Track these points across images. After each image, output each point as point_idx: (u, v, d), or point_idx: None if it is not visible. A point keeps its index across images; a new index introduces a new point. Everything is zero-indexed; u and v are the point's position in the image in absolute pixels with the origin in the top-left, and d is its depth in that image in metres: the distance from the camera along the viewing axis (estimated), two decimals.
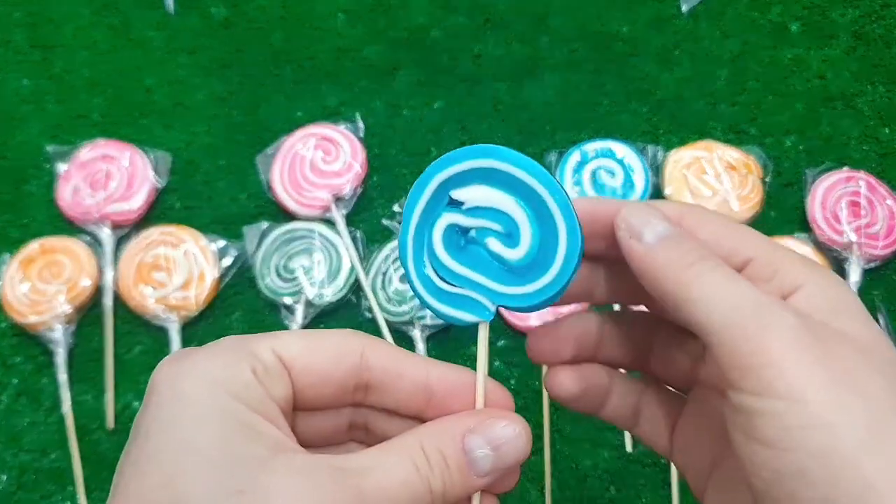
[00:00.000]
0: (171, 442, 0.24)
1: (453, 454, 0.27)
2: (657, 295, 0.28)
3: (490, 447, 0.27)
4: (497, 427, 0.28)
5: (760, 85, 0.70)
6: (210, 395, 0.25)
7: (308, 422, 0.29)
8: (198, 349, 0.27)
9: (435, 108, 0.70)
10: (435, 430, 0.27)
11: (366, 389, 0.29)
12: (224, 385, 0.25)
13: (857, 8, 0.73)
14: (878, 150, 0.67)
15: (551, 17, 0.73)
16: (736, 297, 0.26)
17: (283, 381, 0.27)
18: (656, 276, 0.28)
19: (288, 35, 0.73)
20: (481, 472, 0.27)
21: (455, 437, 0.27)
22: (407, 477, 0.26)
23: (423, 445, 0.26)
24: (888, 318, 0.61)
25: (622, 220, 0.29)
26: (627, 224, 0.29)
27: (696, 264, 0.27)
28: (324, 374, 0.27)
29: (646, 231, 0.28)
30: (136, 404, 0.60)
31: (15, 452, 0.59)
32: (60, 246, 0.63)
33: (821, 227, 0.63)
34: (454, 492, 0.27)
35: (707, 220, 0.30)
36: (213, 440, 0.24)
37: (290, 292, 0.61)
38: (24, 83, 0.71)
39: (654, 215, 0.29)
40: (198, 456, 0.24)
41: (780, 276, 0.28)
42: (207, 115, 0.70)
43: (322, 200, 0.64)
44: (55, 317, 0.60)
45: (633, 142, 0.67)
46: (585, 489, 0.57)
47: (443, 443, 0.27)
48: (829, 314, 0.27)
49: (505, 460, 0.28)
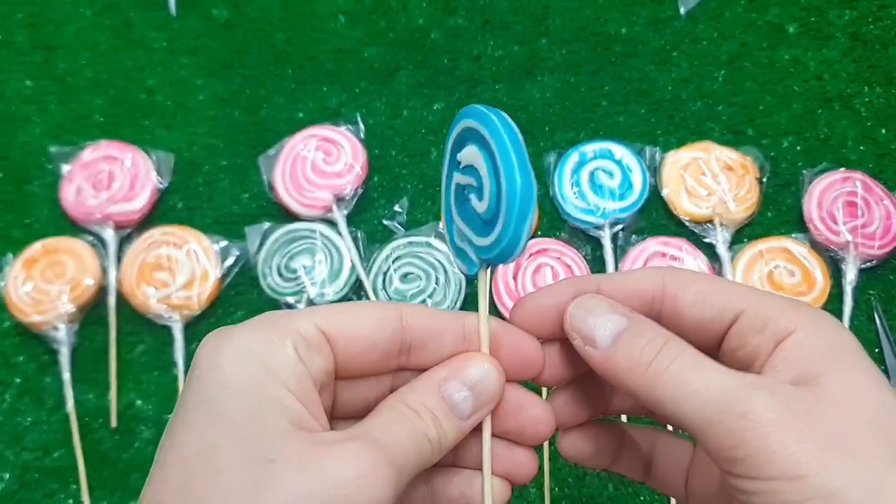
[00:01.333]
0: (206, 414, 0.25)
1: (435, 403, 0.28)
2: (629, 395, 0.28)
3: (466, 389, 0.29)
4: (468, 369, 0.29)
5: (758, 86, 0.70)
6: (245, 367, 0.26)
7: (352, 390, 0.30)
8: (241, 325, 0.27)
9: (435, 109, 0.70)
10: (413, 386, 0.29)
11: (408, 352, 0.29)
12: (261, 359, 0.26)
13: (855, 9, 0.73)
14: (875, 151, 0.67)
15: (550, 18, 0.74)
16: (704, 389, 0.26)
17: (324, 354, 0.28)
18: (621, 382, 0.28)
19: (289, 36, 0.73)
20: (464, 414, 0.29)
21: (433, 386, 0.29)
22: (409, 428, 0.27)
23: (408, 402, 0.28)
24: (884, 317, 0.61)
25: (570, 328, 0.29)
26: (577, 332, 0.29)
27: (657, 360, 0.27)
28: (368, 343, 0.28)
29: (597, 335, 0.28)
30: (139, 403, 0.61)
31: (18, 451, 0.59)
32: (63, 246, 0.64)
33: (817, 227, 0.63)
34: (447, 437, 0.28)
35: (691, 280, 0.30)
36: (244, 413, 0.25)
37: (291, 292, 0.62)
38: (26, 84, 0.72)
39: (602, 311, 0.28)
40: (230, 428, 0.25)
41: (772, 324, 0.28)
42: (209, 115, 0.70)
43: (323, 201, 0.64)
44: (58, 316, 0.61)
45: (632, 142, 0.67)
46: (584, 487, 0.58)
47: (424, 395, 0.28)
48: (822, 359, 0.27)
49: (483, 397, 0.29)
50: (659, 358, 0.27)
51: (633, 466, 0.35)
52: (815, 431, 0.24)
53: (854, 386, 0.26)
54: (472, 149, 0.30)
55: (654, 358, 0.27)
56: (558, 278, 0.62)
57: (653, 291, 0.30)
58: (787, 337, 0.27)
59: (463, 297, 0.61)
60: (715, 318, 0.29)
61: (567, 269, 0.62)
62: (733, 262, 0.62)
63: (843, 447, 0.24)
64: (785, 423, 0.24)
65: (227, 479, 0.24)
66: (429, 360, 0.30)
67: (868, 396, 0.26)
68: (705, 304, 0.29)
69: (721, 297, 0.29)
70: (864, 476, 0.24)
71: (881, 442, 0.24)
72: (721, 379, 0.26)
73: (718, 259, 0.62)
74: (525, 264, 0.63)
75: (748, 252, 0.62)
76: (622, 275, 0.31)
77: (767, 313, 0.28)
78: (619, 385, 0.28)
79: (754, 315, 0.28)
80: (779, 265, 0.62)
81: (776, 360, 0.27)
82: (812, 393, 0.26)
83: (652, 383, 0.27)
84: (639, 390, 0.27)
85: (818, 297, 0.60)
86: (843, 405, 0.25)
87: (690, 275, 0.30)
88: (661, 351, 0.27)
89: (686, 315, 0.29)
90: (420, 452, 0.27)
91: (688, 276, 0.30)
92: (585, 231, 0.65)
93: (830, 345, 0.27)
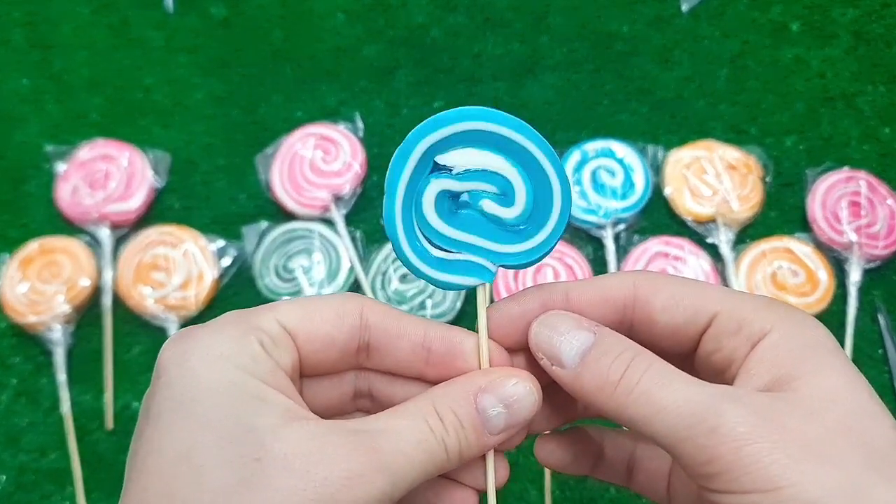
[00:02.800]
0: (185, 418, 0.25)
1: (467, 414, 0.27)
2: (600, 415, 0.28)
3: (503, 405, 0.27)
4: (508, 385, 0.28)
5: (761, 84, 0.70)
6: (219, 369, 0.25)
7: (314, 390, 0.29)
8: (201, 326, 0.27)
9: (434, 107, 0.70)
10: (447, 391, 0.28)
11: (367, 350, 0.29)
12: (232, 359, 0.26)
13: (858, 7, 0.73)
14: (879, 150, 0.67)
15: (551, 16, 0.73)
16: (674, 406, 0.25)
17: (288, 349, 0.27)
18: (591, 402, 0.27)
19: (287, 34, 0.73)
20: (495, 430, 0.27)
21: (468, 396, 0.27)
22: (422, 437, 0.26)
23: (436, 406, 0.27)
24: (888, 318, 0.61)
25: (536, 347, 0.28)
26: (543, 352, 0.28)
27: (625, 378, 0.26)
28: (327, 338, 0.28)
29: (563, 354, 0.27)
30: (136, 404, 0.60)
31: (14, 453, 0.59)
32: (59, 246, 0.63)
33: (821, 227, 0.63)
34: (469, 451, 0.27)
35: (663, 283, 0.29)
36: (226, 413, 0.25)
37: (289, 292, 0.61)
38: (23, 83, 0.71)
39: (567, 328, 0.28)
40: (212, 429, 0.24)
41: (747, 325, 0.27)
42: (206, 114, 0.70)
43: (321, 200, 0.64)
44: (54, 317, 0.60)
45: (634, 141, 0.66)
46: (585, 489, 0.57)
47: (456, 403, 0.27)
48: (797, 361, 0.26)
49: (517, 417, 0.28)
50: (627, 375, 0.26)
51: (614, 472, 0.34)
52: (789, 441, 0.24)
53: (828, 389, 0.25)
54: (479, 152, 0.28)
55: (622, 375, 0.26)
56: (559, 278, 0.62)
57: (624, 298, 0.29)
58: (762, 338, 0.27)
59: (463, 296, 0.61)
60: (688, 321, 0.28)
61: (568, 269, 0.62)
62: (736, 263, 0.62)
63: (818, 455, 0.24)
64: (757, 434, 0.24)
65: (211, 479, 0.24)
66: (387, 362, 0.29)
67: (843, 399, 0.25)
68: (678, 308, 0.28)
69: (694, 300, 0.28)
70: (842, 482, 0.23)
71: (857, 446, 0.24)
72: (691, 393, 0.25)
73: (721, 259, 0.62)
74: None
75: (751, 252, 0.62)
76: (591, 281, 0.30)
77: (742, 315, 0.28)
78: (590, 405, 0.28)
79: (728, 317, 0.28)
80: (782, 265, 0.61)
81: (751, 363, 0.27)
82: (785, 400, 0.25)
83: (622, 402, 0.26)
84: (609, 409, 0.27)
85: (822, 297, 0.60)
86: (816, 410, 0.25)
87: (662, 278, 0.29)
88: (628, 367, 0.26)
89: (658, 320, 0.29)
90: (431, 460, 0.26)
91: (659, 279, 0.29)
92: (587, 231, 0.64)
93: (805, 345, 0.27)
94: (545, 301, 0.29)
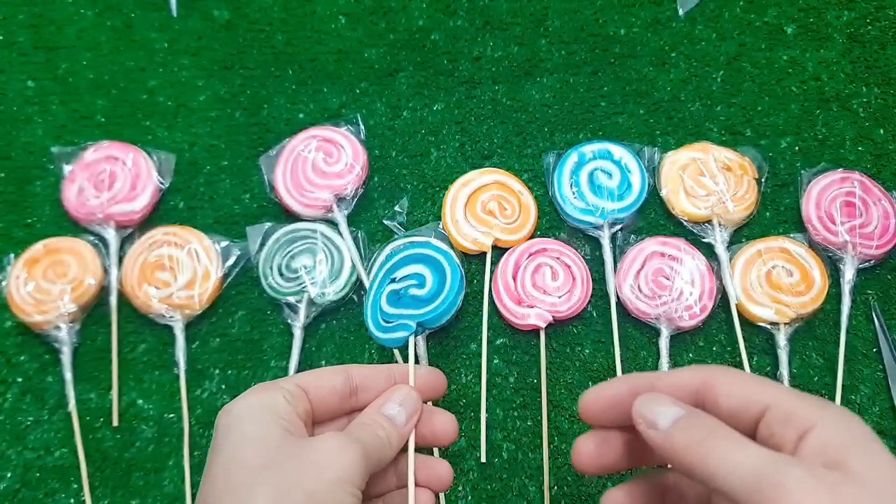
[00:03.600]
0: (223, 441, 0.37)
1: (382, 420, 0.41)
2: (680, 471, 0.33)
3: (398, 405, 0.42)
4: (396, 394, 0.42)
5: (756, 86, 0.71)
6: (257, 411, 0.38)
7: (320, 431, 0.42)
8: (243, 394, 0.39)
9: (435, 109, 0.70)
10: (365, 412, 0.42)
11: (356, 394, 0.43)
12: (265, 406, 0.38)
13: (853, 10, 0.73)
14: (873, 151, 0.68)
15: (550, 19, 0.74)
16: (747, 462, 0.31)
17: (303, 401, 0.40)
18: (676, 457, 0.33)
19: (289, 37, 0.74)
20: (401, 423, 0.41)
21: (378, 410, 0.42)
22: (369, 431, 0.40)
23: (363, 421, 0.41)
24: (883, 317, 0.61)
25: (637, 414, 0.35)
26: (642, 417, 0.35)
27: (708, 439, 0.32)
28: (330, 389, 0.42)
29: (659, 419, 0.34)
30: (140, 402, 0.61)
31: (19, 450, 0.60)
32: (65, 246, 0.64)
33: (815, 227, 0.63)
34: (393, 440, 0.41)
35: (726, 376, 0.35)
36: (263, 434, 0.37)
37: (292, 291, 0.62)
38: (28, 84, 0.72)
39: (664, 402, 0.35)
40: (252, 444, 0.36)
41: (795, 419, 0.32)
42: (210, 116, 0.71)
43: (324, 201, 0.65)
44: (60, 316, 0.61)
45: (631, 143, 0.67)
46: (583, 485, 0.58)
47: (373, 416, 0.41)
48: (841, 450, 0.31)
49: (409, 409, 0.42)
50: (709, 437, 0.32)
51: None
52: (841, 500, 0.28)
53: (878, 469, 0.30)
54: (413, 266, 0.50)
55: (705, 437, 0.32)
56: (557, 278, 0.62)
57: (696, 386, 0.35)
58: (810, 430, 0.32)
59: (462, 296, 0.62)
60: (745, 409, 0.34)
61: (566, 268, 0.63)
62: (732, 262, 0.62)
63: None
64: (815, 493, 0.29)
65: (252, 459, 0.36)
66: (370, 399, 0.43)
67: (885, 487, 0.29)
68: (736, 398, 0.34)
69: (749, 392, 0.34)
70: None
71: None
72: (761, 455, 0.31)
73: (717, 259, 0.63)
74: (525, 264, 0.63)
75: (747, 252, 0.63)
76: (671, 373, 0.37)
77: (791, 409, 0.32)
78: (675, 461, 0.33)
79: (778, 409, 0.33)
80: (777, 265, 0.62)
81: (802, 450, 0.32)
82: (839, 473, 0.30)
83: (704, 458, 0.32)
84: (693, 465, 0.32)
85: (816, 296, 0.61)
86: (868, 483, 0.29)
87: (728, 373, 0.35)
88: (711, 432, 0.32)
89: (722, 405, 0.34)
90: (379, 446, 0.39)
91: (725, 374, 0.35)
92: (585, 231, 0.65)
93: (851, 436, 0.31)
94: (633, 386, 0.37)
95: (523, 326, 0.61)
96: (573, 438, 0.59)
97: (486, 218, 0.65)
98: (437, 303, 0.47)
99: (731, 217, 0.64)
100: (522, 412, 0.60)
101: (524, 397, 0.61)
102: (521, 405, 0.60)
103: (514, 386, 0.61)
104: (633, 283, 0.62)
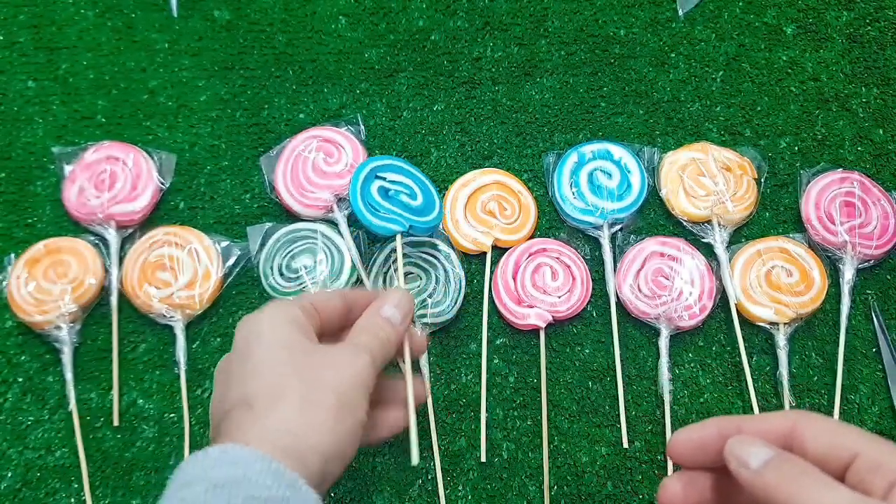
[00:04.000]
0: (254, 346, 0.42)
1: (382, 322, 0.46)
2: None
3: (394, 307, 0.46)
4: (391, 297, 0.47)
5: (756, 87, 0.71)
6: (277, 320, 0.42)
7: None
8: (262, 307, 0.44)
9: (435, 110, 0.71)
10: (365, 315, 0.46)
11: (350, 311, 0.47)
12: (283, 316, 0.43)
13: (852, 10, 0.74)
14: (872, 151, 0.68)
15: (549, 20, 0.74)
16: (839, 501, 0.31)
17: (316, 317, 0.45)
18: (766, 495, 0.34)
19: (290, 38, 0.74)
20: (397, 322, 0.46)
21: (377, 313, 0.46)
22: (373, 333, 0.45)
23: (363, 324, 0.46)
24: (882, 317, 0.62)
25: (729, 454, 0.36)
26: (735, 457, 0.36)
27: (799, 479, 0.33)
28: (335, 308, 0.46)
29: (751, 459, 0.35)
30: (141, 402, 0.61)
31: (20, 450, 0.60)
32: (66, 246, 0.64)
33: (815, 227, 0.63)
34: (393, 338, 0.46)
35: (815, 422, 0.36)
36: (283, 338, 0.42)
37: (292, 291, 0.62)
38: (29, 85, 0.72)
39: (755, 444, 0.36)
40: (283, 348, 0.41)
41: (885, 468, 0.33)
42: (210, 116, 0.71)
43: (324, 201, 0.65)
44: (61, 316, 0.61)
45: (630, 143, 0.67)
46: (583, 485, 0.58)
47: (374, 320, 0.46)
48: None
49: (403, 310, 0.47)
50: (802, 477, 0.33)
51: None
52: None
53: None
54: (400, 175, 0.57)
55: (797, 477, 0.33)
56: (557, 278, 0.62)
57: (784, 430, 0.36)
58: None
59: (462, 296, 0.62)
60: (833, 455, 0.34)
61: (566, 268, 0.63)
62: (731, 262, 0.63)
63: None
64: None
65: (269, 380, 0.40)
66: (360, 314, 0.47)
67: None
68: (824, 444, 0.35)
69: (837, 439, 0.35)
70: None
71: None
72: (851, 497, 0.32)
73: (716, 259, 0.63)
74: (524, 264, 0.63)
75: (746, 252, 0.63)
76: (760, 417, 0.38)
77: (880, 458, 0.33)
78: (762, 496, 0.34)
79: (867, 457, 0.34)
80: (776, 265, 0.62)
81: (892, 498, 0.32)
82: None
83: (792, 496, 0.32)
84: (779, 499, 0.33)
85: (816, 296, 0.61)
86: None
87: (816, 419, 0.36)
88: (803, 473, 0.33)
89: (809, 450, 0.35)
90: (382, 346, 0.44)
91: (814, 419, 0.36)
92: (584, 231, 0.65)
93: None
94: (721, 429, 0.37)
95: (523, 326, 0.62)
96: (573, 438, 0.59)
97: (486, 218, 0.65)
98: (431, 217, 0.57)
99: (730, 217, 0.64)
100: (522, 412, 0.60)
101: (524, 397, 0.61)
102: (521, 405, 0.60)
103: (514, 386, 0.61)
104: (633, 282, 0.62)
